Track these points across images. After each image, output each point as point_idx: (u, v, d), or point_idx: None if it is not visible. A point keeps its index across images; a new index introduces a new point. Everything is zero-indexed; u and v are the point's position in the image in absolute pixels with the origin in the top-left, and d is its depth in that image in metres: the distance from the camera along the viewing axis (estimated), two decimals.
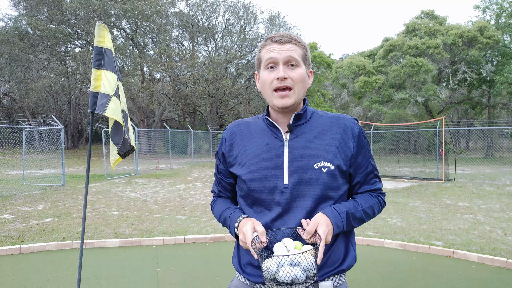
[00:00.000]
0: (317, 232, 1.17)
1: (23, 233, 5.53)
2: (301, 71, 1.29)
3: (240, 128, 1.42)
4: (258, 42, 30.29)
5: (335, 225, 1.22)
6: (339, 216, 1.25)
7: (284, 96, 1.27)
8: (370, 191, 1.40)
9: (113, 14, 26.69)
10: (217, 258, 4.59)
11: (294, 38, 1.29)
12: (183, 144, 28.63)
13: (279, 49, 1.27)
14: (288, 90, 1.28)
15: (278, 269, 1.10)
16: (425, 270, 4.16)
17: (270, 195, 1.29)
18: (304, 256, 1.10)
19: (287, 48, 1.27)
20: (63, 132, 11.38)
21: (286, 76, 1.26)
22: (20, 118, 31.35)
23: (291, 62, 1.28)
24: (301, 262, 1.09)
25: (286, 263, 1.10)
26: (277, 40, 1.28)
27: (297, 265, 1.10)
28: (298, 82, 1.28)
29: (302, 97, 1.32)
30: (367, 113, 27.44)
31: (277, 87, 1.28)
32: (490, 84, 24.98)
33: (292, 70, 1.28)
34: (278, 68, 1.27)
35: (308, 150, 1.29)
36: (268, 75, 1.29)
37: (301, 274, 1.09)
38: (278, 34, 1.30)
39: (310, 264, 1.10)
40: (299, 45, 1.30)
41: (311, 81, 1.38)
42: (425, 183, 11.84)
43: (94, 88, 3.12)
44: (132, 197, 8.99)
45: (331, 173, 1.28)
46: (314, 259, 1.12)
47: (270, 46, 1.29)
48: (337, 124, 1.34)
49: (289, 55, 1.27)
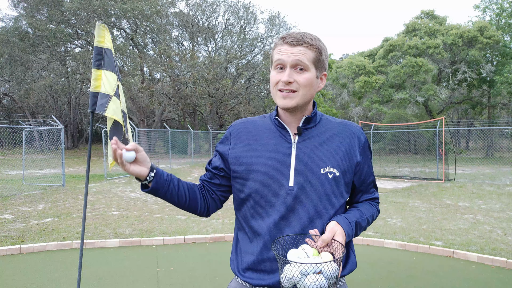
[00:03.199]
0: (336, 240, 1.16)
1: (23, 233, 5.53)
2: (308, 76, 1.26)
3: (246, 127, 1.39)
4: (258, 42, 30.31)
5: (347, 234, 1.23)
6: (350, 225, 1.26)
7: (287, 96, 1.26)
8: (369, 199, 1.43)
9: (113, 14, 26.68)
10: (217, 258, 4.59)
11: (306, 41, 1.25)
12: (183, 144, 28.61)
13: (288, 51, 1.25)
14: (291, 92, 1.26)
15: (303, 278, 1.07)
16: (425, 270, 4.16)
17: (274, 196, 1.28)
18: (329, 264, 1.08)
19: (297, 51, 1.25)
20: (63, 132, 11.38)
21: (291, 81, 1.25)
22: (20, 118, 31.33)
23: (299, 66, 1.25)
24: (324, 270, 1.07)
25: (311, 271, 1.07)
26: (288, 41, 1.26)
27: (319, 272, 1.08)
28: (303, 87, 1.26)
29: (308, 101, 1.30)
30: (367, 113, 27.43)
31: (281, 89, 1.27)
32: (490, 84, 24.98)
33: (299, 74, 1.26)
34: (285, 71, 1.26)
35: (315, 154, 1.29)
36: (275, 75, 1.29)
37: (325, 282, 1.07)
38: (292, 34, 1.27)
39: (333, 272, 1.08)
40: (311, 48, 1.26)
41: (323, 84, 1.35)
42: (425, 183, 11.83)
43: (94, 88, 3.12)
44: (132, 197, 8.98)
45: (336, 179, 1.28)
46: (338, 267, 1.10)
47: (281, 47, 1.27)
48: (345, 131, 1.34)
49: (297, 58, 1.24)
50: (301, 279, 1.07)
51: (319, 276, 1.06)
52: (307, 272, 1.07)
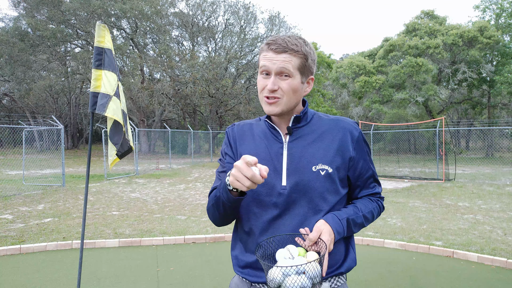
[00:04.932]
0: (321, 239, 1.17)
1: (23, 233, 5.53)
2: (292, 82, 1.26)
3: (242, 129, 1.42)
4: (258, 42, 30.30)
5: (336, 232, 1.23)
6: (340, 222, 1.25)
7: (272, 103, 1.27)
8: (369, 195, 1.41)
9: (113, 14, 26.70)
10: (217, 258, 4.59)
11: (291, 48, 1.24)
12: (183, 144, 28.63)
13: (273, 59, 1.25)
14: (276, 99, 1.27)
15: (285, 279, 1.09)
16: (425, 270, 4.16)
17: (267, 196, 1.29)
18: (311, 264, 1.09)
19: (281, 59, 1.24)
20: (63, 132, 11.38)
21: (275, 88, 1.25)
22: (20, 118, 31.35)
23: (284, 73, 1.25)
24: (307, 270, 1.09)
25: (293, 272, 1.09)
26: (273, 48, 1.25)
27: (303, 273, 1.09)
28: (287, 93, 1.27)
29: (293, 106, 1.31)
30: (367, 113, 27.44)
31: (266, 96, 1.28)
32: (490, 84, 24.99)
33: (284, 80, 1.26)
34: (270, 77, 1.26)
35: (306, 153, 1.29)
36: (261, 80, 1.29)
37: (307, 282, 1.09)
38: (276, 40, 1.26)
39: (316, 272, 1.10)
40: (297, 55, 1.25)
41: (310, 88, 1.36)
42: (425, 183, 11.83)
43: (94, 88, 3.12)
44: (132, 197, 8.99)
45: (329, 176, 1.28)
46: (320, 266, 1.11)
47: (266, 53, 1.27)
48: (337, 127, 1.34)
49: (282, 66, 1.24)
50: (284, 280, 1.09)
51: (301, 277, 1.08)
52: (289, 273, 1.09)
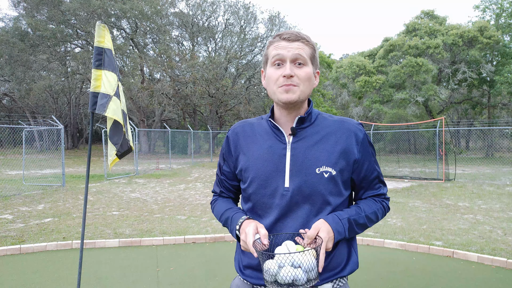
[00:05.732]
0: (319, 236, 1.17)
1: (23, 233, 5.53)
2: (308, 70, 1.27)
3: (244, 129, 1.40)
4: (258, 42, 30.29)
5: (336, 231, 1.21)
6: (341, 222, 1.24)
7: (289, 90, 1.25)
8: (374, 196, 1.38)
9: (113, 14, 26.70)
10: (217, 258, 4.59)
11: (303, 37, 1.28)
12: (183, 144, 28.63)
13: (287, 47, 1.26)
14: (293, 86, 1.26)
15: (279, 270, 1.09)
16: (425, 270, 4.16)
17: (271, 198, 1.28)
18: (305, 257, 1.09)
19: (296, 46, 1.26)
20: (63, 132, 11.38)
21: (292, 74, 1.24)
22: (20, 118, 31.34)
23: (299, 60, 1.26)
24: (302, 263, 1.09)
25: (288, 263, 1.09)
26: (286, 37, 1.26)
27: (298, 267, 1.09)
28: (304, 81, 1.26)
29: (307, 96, 1.30)
30: (367, 113, 27.43)
31: (283, 84, 1.26)
32: (490, 84, 24.98)
33: (299, 68, 1.26)
34: (285, 65, 1.25)
35: (310, 154, 1.28)
36: (274, 71, 1.28)
37: (302, 275, 1.08)
38: (287, 31, 1.28)
39: (311, 265, 1.09)
40: (308, 44, 1.28)
41: (317, 81, 1.36)
42: (425, 183, 11.83)
43: (94, 88, 3.12)
44: (132, 197, 8.98)
45: (333, 178, 1.26)
46: (316, 260, 1.11)
47: (278, 43, 1.28)
48: (342, 128, 1.32)
49: (297, 53, 1.25)
50: (278, 272, 1.09)
51: (296, 269, 1.08)
52: (283, 265, 1.09)
